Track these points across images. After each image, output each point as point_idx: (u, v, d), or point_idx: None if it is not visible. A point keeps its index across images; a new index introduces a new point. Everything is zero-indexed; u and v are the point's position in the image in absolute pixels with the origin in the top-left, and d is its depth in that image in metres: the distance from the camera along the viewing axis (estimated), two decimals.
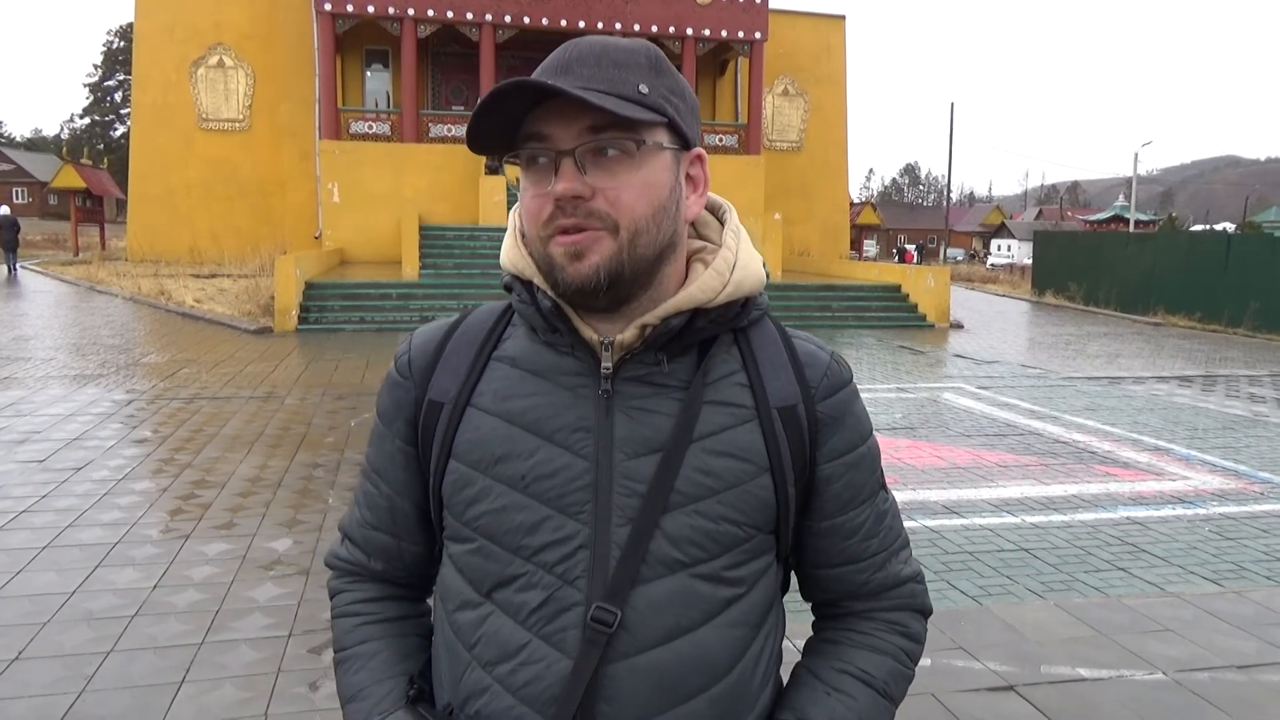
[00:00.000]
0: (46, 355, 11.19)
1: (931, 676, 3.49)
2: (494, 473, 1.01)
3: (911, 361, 12.65)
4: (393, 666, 1.10)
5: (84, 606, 3.98)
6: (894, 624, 1.11)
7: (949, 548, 4.99)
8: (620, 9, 23.98)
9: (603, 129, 0.93)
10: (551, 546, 0.98)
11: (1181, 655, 3.72)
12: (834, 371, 1.08)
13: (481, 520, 1.01)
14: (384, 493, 1.12)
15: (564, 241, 0.95)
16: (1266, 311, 17.15)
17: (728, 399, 1.02)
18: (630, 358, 1.00)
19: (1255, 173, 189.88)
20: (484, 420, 1.02)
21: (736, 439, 1.00)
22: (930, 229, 77.17)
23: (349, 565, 1.16)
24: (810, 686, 1.08)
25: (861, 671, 1.08)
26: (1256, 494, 6.22)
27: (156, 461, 6.46)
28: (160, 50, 26.01)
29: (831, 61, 31.00)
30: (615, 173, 0.94)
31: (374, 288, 16.17)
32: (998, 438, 7.78)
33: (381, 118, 24.16)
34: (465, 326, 1.10)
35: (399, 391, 1.10)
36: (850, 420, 1.08)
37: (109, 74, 70.25)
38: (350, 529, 1.17)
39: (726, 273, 1.02)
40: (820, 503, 1.08)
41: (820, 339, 1.13)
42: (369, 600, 1.15)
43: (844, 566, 1.10)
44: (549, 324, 1.01)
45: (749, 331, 1.07)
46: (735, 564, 1.01)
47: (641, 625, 0.97)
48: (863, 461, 1.10)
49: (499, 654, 0.99)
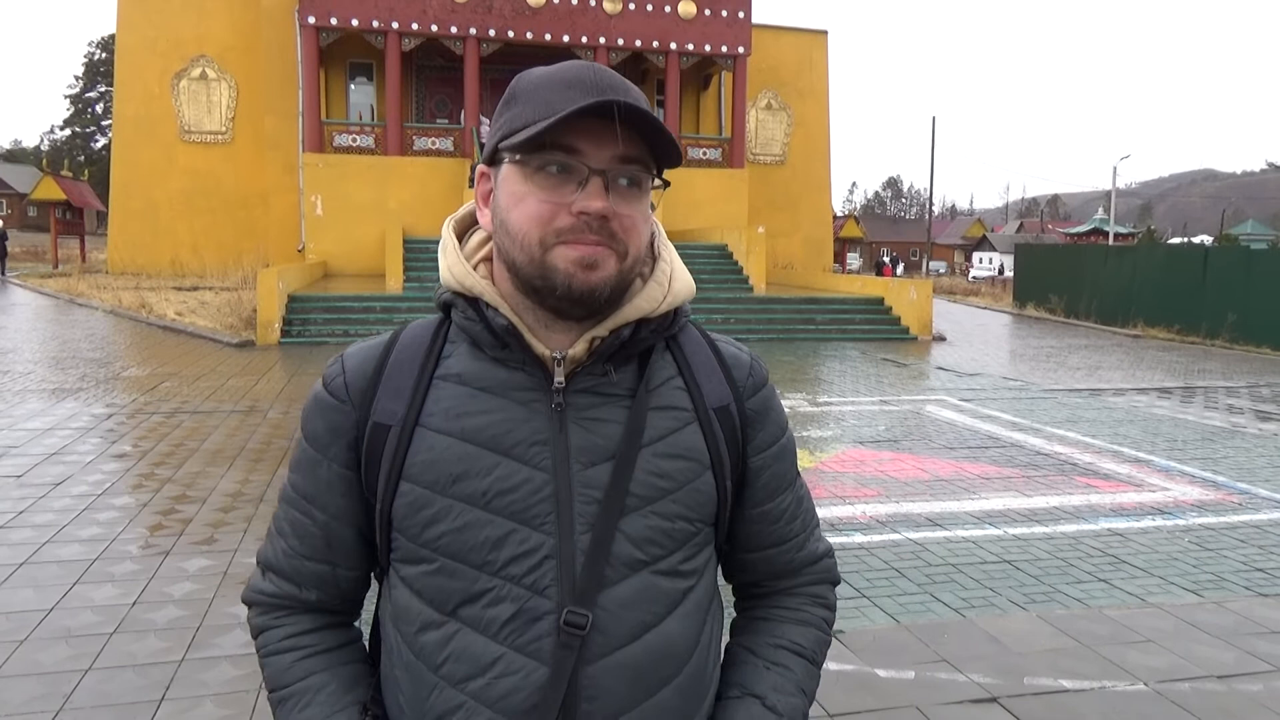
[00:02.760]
0: (25, 369, 11.08)
1: (915, 688, 3.50)
2: (452, 492, 1.01)
3: (894, 374, 12.71)
4: (342, 698, 1.08)
5: (62, 624, 3.93)
6: (815, 596, 1.21)
7: (932, 560, 5.01)
8: (605, 23, 24.09)
9: (632, 160, 0.99)
10: (519, 559, 1.00)
11: (1162, 666, 3.74)
12: (756, 371, 1.16)
13: (442, 540, 1.01)
14: (319, 520, 1.09)
15: (581, 249, 0.98)
16: (1243, 324, 17.34)
17: (670, 403, 1.07)
18: (579, 370, 1.04)
19: (1231, 186, 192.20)
20: (437, 440, 1.02)
21: (683, 440, 1.06)
22: (913, 242, 77.71)
23: (276, 599, 1.12)
24: (750, 663, 1.15)
25: (793, 644, 1.16)
26: (1235, 505, 6.28)
27: (136, 476, 6.40)
28: (142, 62, 25.92)
29: (814, 76, 31.26)
30: (630, 201, 1.00)
31: (357, 301, 16.11)
32: (980, 450, 7.83)
33: (365, 130, 24.13)
34: (401, 345, 1.09)
35: (335, 416, 1.07)
36: (773, 415, 1.16)
37: (90, 85, 69.79)
38: (275, 561, 1.12)
39: (666, 283, 1.07)
40: (751, 492, 1.15)
41: (738, 344, 1.19)
42: (305, 633, 1.12)
43: (772, 548, 1.18)
44: (500, 341, 1.03)
45: (679, 338, 1.12)
46: (688, 557, 1.07)
47: (613, 625, 1.01)
48: (785, 452, 1.18)
49: (471, 670, 1.00)
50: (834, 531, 5.44)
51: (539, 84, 1.00)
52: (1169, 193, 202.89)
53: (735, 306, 17.47)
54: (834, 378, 12.18)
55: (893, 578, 4.71)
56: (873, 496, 6.26)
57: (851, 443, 8.01)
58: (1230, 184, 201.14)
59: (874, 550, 5.14)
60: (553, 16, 23.67)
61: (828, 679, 3.54)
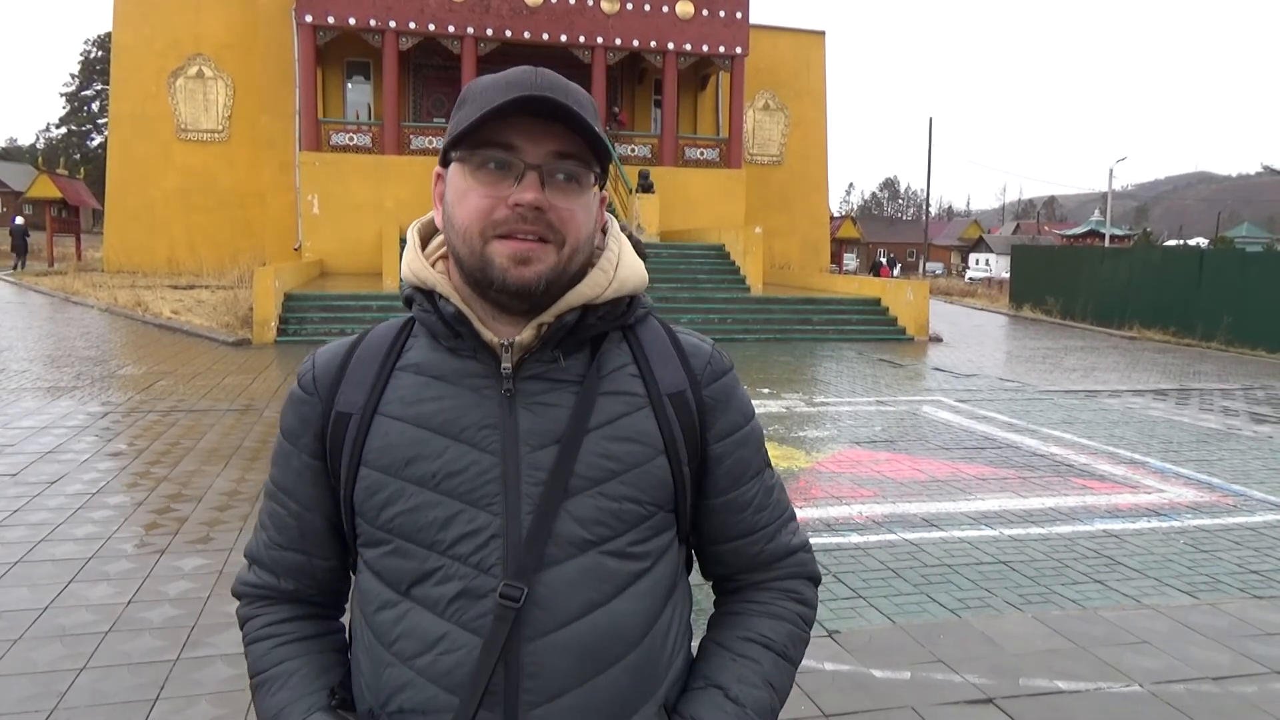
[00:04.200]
0: (20, 367, 11.05)
1: (911, 689, 3.50)
2: (404, 474, 1.05)
3: (891, 374, 12.72)
4: (312, 682, 1.13)
5: (57, 622, 3.92)
6: (788, 591, 1.20)
7: (928, 560, 5.01)
8: (602, 23, 24.09)
9: (569, 156, 1.03)
10: (465, 539, 1.03)
11: (1157, 667, 3.75)
12: (716, 360, 1.17)
13: (396, 521, 1.05)
14: (292, 510, 1.15)
15: (514, 245, 1.02)
16: (1239, 326, 17.38)
17: (621, 389, 1.10)
18: (529, 357, 1.08)
19: (1227, 189, 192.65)
20: (392, 426, 1.07)
21: (633, 424, 1.08)
22: (909, 243, 77.78)
23: (259, 590, 1.18)
24: (718, 655, 1.16)
25: (762, 637, 1.16)
26: (1230, 506, 6.29)
27: (132, 475, 6.39)
28: (139, 60, 25.87)
29: (811, 76, 31.28)
30: (569, 195, 1.04)
31: (354, 299, 16.09)
32: (976, 451, 7.84)
33: (362, 129, 24.12)
34: (367, 342, 1.15)
35: (304, 408, 1.13)
36: (734, 403, 1.17)
37: (86, 83, 69.61)
38: (257, 553, 1.18)
39: (611, 270, 1.10)
40: (714, 479, 1.16)
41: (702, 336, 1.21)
42: (282, 621, 1.17)
43: (739, 540, 1.19)
44: (451, 330, 1.07)
45: (636, 328, 1.15)
46: (639, 540, 1.08)
47: (557, 603, 1.03)
48: (748, 440, 1.18)
49: (419, 646, 1.04)
50: (830, 531, 5.45)
51: (485, 88, 1.04)
52: (1165, 195, 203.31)
53: (732, 306, 17.48)
54: (830, 378, 12.19)
55: (889, 578, 4.71)
56: (869, 497, 6.27)
57: (848, 443, 8.01)
58: (1225, 187, 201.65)
59: (870, 550, 5.14)
60: (550, 16, 23.67)
61: (823, 679, 3.54)
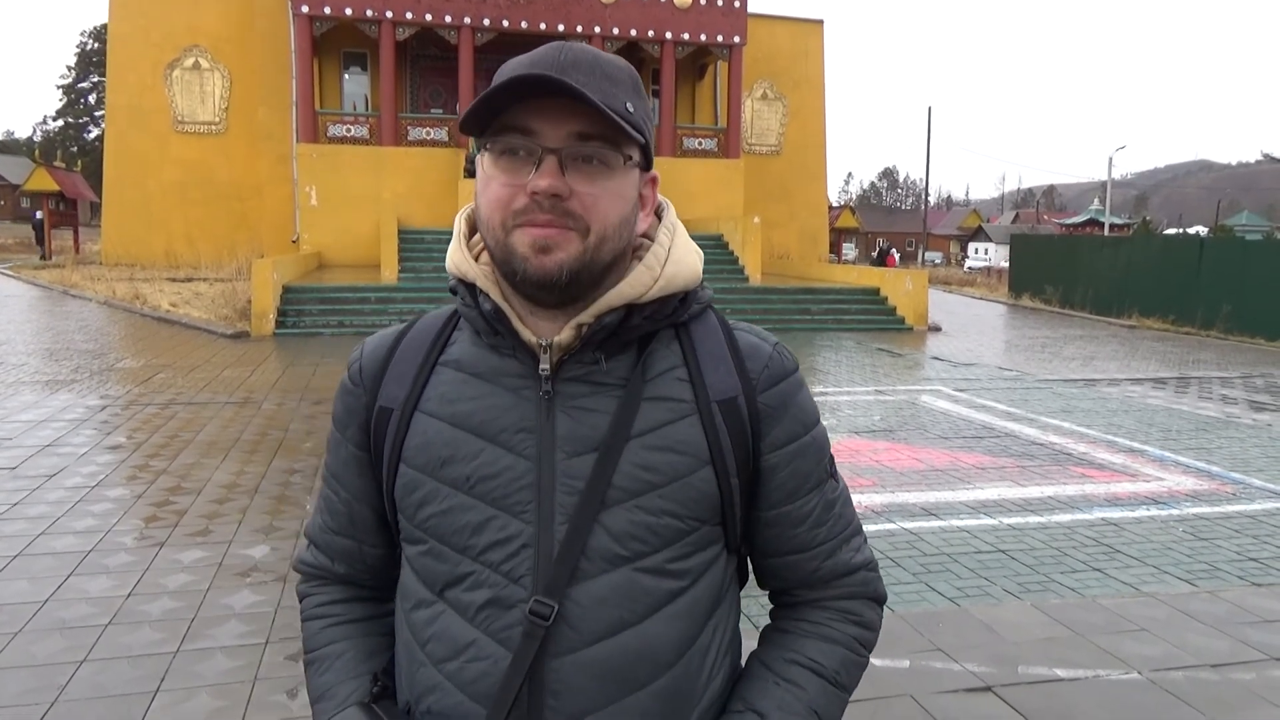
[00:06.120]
0: (18, 360, 11.04)
1: (910, 678, 3.51)
2: (440, 475, 1.03)
3: (890, 364, 12.72)
4: (358, 666, 1.12)
5: (56, 615, 3.92)
6: (846, 612, 1.11)
7: (927, 549, 5.01)
8: (600, 13, 24.00)
9: (591, 137, 0.95)
10: (497, 546, 1.00)
11: (1156, 655, 3.76)
12: (775, 363, 1.08)
13: (430, 522, 1.03)
14: (342, 498, 1.14)
15: (533, 233, 0.95)
16: (1238, 314, 17.38)
17: (667, 394, 1.02)
18: (569, 358, 1.01)
19: (1226, 177, 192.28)
20: (430, 424, 1.04)
21: (675, 433, 1.01)
22: (908, 232, 77.74)
23: (314, 569, 1.19)
24: (760, 677, 1.08)
25: (811, 661, 1.08)
26: (1229, 495, 6.29)
27: (131, 468, 6.38)
28: (135, 52, 25.75)
29: (810, 66, 31.17)
30: (594, 179, 0.96)
31: (352, 291, 16.07)
32: (975, 440, 7.84)
33: (360, 121, 24.03)
34: (413, 333, 1.12)
35: (350, 398, 1.12)
36: (793, 410, 1.08)
37: (83, 76, 69.39)
38: (314, 534, 1.19)
39: (657, 268, 1.03)
40: (766, 492, 1.08)
41: (765, 334, 1.12)
42: (334, 602, 1.18)
43: (793, 555, 1.10)
44: (491, 327, 1.03)
45: (690, 326, 1.07)
46: (679, 556, 1.02)
47: (585, 620, 0.98)
48: (807, 450, 1.09)
49: (449, 651, 1.02)
50: None
51: (512, 68, 0.97)
52: (1164, 184, 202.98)
53: (731, 296, 17.46)
54: (829, 367, 12.18)
55: (888, 567, 4.72)
56: (868, 486, 6.27)
57: (847, 432, 8.01)
58: (1225, 175, 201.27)
59: (869, 540, 5.13)
60: (547, 6, 23.57)
61: None
